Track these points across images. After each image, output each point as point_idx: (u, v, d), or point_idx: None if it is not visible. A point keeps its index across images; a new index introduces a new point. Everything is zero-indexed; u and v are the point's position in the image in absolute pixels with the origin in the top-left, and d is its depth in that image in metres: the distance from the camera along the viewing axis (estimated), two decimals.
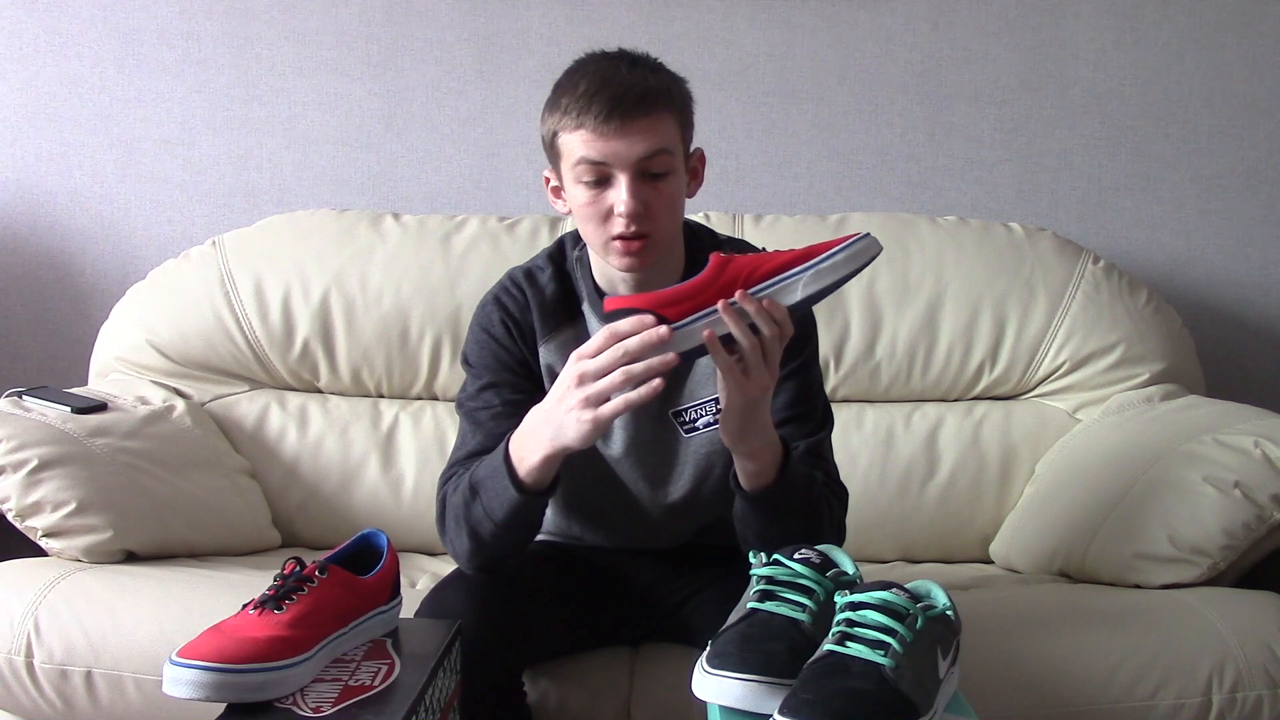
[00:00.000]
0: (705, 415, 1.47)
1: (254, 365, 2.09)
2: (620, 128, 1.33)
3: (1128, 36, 2.32)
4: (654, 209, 1.37)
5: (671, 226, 1.42)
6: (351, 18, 2.33)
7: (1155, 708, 1.48)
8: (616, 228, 1.37)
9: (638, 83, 1.36)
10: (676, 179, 1.40)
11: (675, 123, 1.39)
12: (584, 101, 1.34)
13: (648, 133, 1.35)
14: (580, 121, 1.34)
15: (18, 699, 1.55)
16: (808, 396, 1.48)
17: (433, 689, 1.21)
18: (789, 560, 1.21)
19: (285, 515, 2.02)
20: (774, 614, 1.16)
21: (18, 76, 2.34)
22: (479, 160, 2.35)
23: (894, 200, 2.34)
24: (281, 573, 1.22)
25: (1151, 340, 2.06)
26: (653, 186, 1.37)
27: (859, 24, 2.32)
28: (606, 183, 1.36)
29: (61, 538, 1.67)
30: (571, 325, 1.49)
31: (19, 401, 1.87)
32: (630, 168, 1.35)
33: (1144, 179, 2.35)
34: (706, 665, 1.11)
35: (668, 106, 1.38)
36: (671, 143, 1.38)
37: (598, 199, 1.37)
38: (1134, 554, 1.69)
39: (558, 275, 1.51)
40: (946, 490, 2.03)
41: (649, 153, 1.35)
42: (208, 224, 2.34)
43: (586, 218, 1.39)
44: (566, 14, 2.31)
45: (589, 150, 1.35)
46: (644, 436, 1.49)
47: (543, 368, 1.49)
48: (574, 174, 1.38)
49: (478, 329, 1.52)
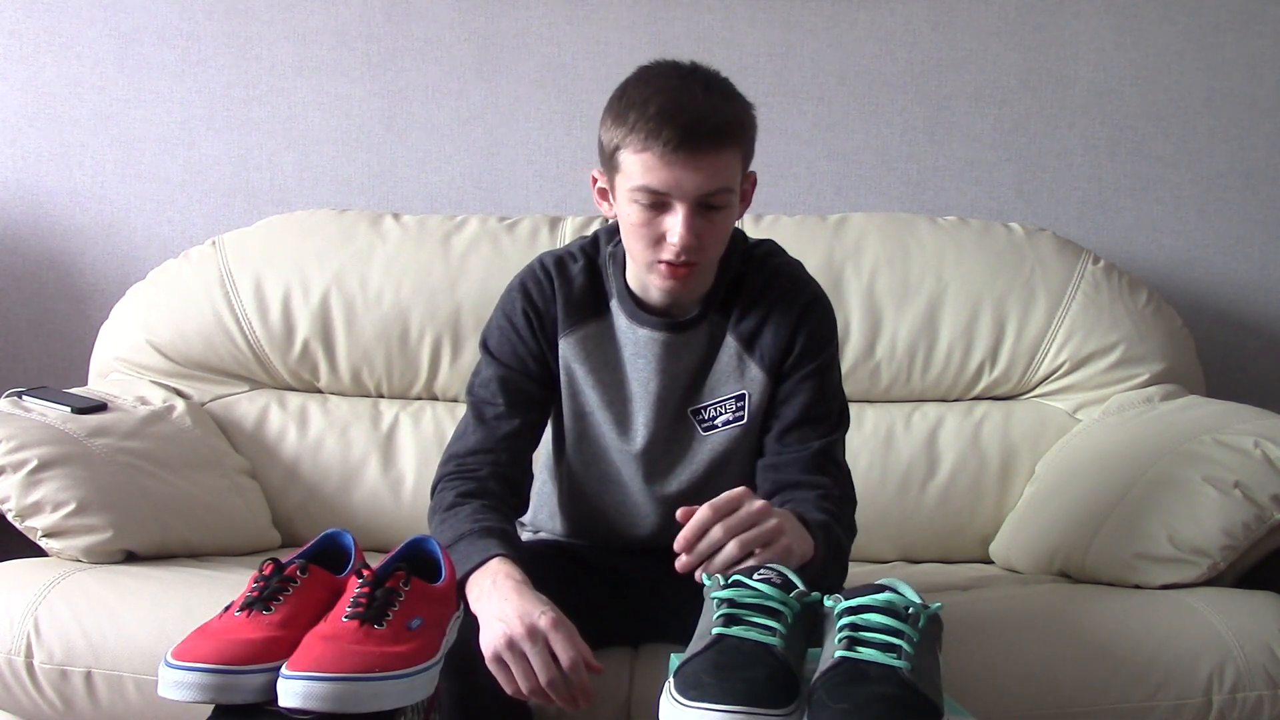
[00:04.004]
0: (725, 413, 1.48)
1: (254, 365, 2.09)
2: (688, 159, 1.30)
3: (1128, 36, 2.32)
4: (705, 240, 1.36)
5: (718, 254, 1.42)
6: (351, 18, 2.32)
7: (1155, 708, 1.48)
8: (666, 254, 1.35)
9: (712, 114, 1.32)
10: (731, 213, 1.38)
11: (740, 156, 1.37)
12: (654, 125, 1.30)
13: (714, 168, 1.32)
14: (647, 145, 1.31)
15: (17, 699, 1.55)
16: (824, 399, 1.48)
17: None
18: (751, 581, 1.16)
19: (285, 515, 2.02)
20: (744, 639, 1.09)
21: (18, 76, 2.34)
22: (479, 160, 2.35)
23: (894, 200, 2.34)
24: (262, 574, 1.21)
25: (1151, 340, 2.06)
26: (708, 218, 1.35)
27: (859, 24, 2.31)
28: (663, 209, 1.34)
29: (61, 538, 1.67)
30: (597, 320, 1.49)
31: (19, 401, 1.86)
32: (690, 200, 1.33)
33: (1144, 179, 2.35)
34: (680, 696, 1.04)
35: (737, 141, 1.35)
36: (734, 179, 1.36)
37: (652, 222, 1.35)
38: (1134, 554, 1.68)
39: (589, 268, 1.50)
40: (946, 490, 2.03)
41: (713, 188, 1.33)
42: (208, 224, 2.34)
43: (637, 237, 1.37)
44: (566, 14, 2.30)
45: (650, 178, 1.32)
46: (663, 434, 1.50)
47: (560, 360, 1.49)
48: (630, 195, 1.35)
49: (500, 314, 1.52)
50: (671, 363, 1.47)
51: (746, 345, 1.47)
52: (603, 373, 1.49)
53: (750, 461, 1.51)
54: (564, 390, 1.51)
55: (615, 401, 1.49)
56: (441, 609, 1.24)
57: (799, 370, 1.46)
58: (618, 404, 1.50)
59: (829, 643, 1.11)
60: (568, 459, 1.55)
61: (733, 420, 1.47)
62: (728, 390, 1.47)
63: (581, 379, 1.49)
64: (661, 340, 1.47)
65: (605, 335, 1.49)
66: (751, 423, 1.48)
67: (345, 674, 1.08)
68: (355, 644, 1.11)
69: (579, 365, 1.49)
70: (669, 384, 1.48)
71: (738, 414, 1.47)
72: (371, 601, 1.16)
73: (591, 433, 1.51)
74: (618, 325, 1.49)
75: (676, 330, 1.47)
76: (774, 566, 1.20)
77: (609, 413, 1.50)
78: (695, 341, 1.48)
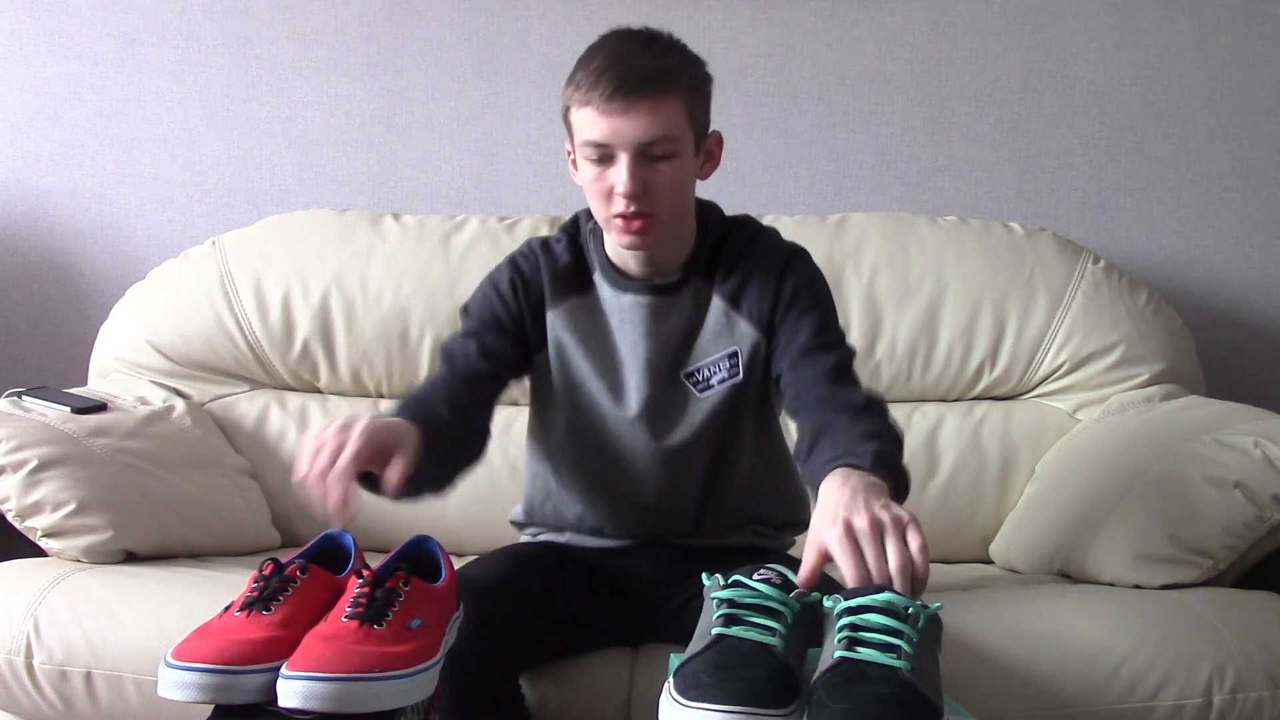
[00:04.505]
0: (719, 372, 1.50)
1: (254, 365, 2.09)
2: (624, 108, 1.35)
3: (1128, 36, 2.32)
4: (654, 190, 1.39)
5: (676, 207, 1.44)
6: (351, 18, 2.32)
7: (1155, 708, 1.48)
8: (617, 206, 1.39)
9: (646, 64, 1.37)
10: (681, 162, 1.40)
11: (683, 106, 1.39)
12: (593, 78, 1.36)
13: (651, 116, 1.36)
14: (588, 99, 1.37)
15: (17, 699, 1.55)
16: (827, 328, 1.48)
17: None
18: (751, 581, 1.15)
19: (285, 515, 2.02)
20: (743, 639, 1.08)
21: (18, 76, 2.34)
22: (479, 160, 2.35)
23: (894, 200, 2.34)
24: (262, 574, 1.21)
25: (1151, 340, 2.06)
26: (653, 168, 1.38)
27: (859, 24, 2.32)
28: (610, 161, 1.38)
29: (61, 538, 1.67)
30: (582, 294, 1.53)
31: (19, 401, 1.86)
32: (631, 149, 1.36)
33: (1144, 179, 2.35)
34: (679, 696, 1.03)
35: (674, 90, 1.38)
36: (675, 128, 1.38)
37: (601, 176, 1.39)
38: (1134, 554, 1.68)
39: (572, 246, 1.55)
40: (946, 490, 2.03)
41: (650, 137, 1.36)
42: (208, 224, 2.34)
43: (592, 194, 1.43)
44: (566, 14, 2.31)
45: (591, 130, 1.37)
46: (658, 398, 1.51)
47: (549, 333, 1.52)
48: (581, 151, 1.41)
49: (487, 283, 1.56)
50: (658, 325, 1.50)
51: (733, 303, 1.49)
52: (592, 342, 1.51)
53: (752, 420, 1.52)
54: (554, 362, 1.53)
55: (607, 370, 1.51)
56: (442, 609, 1.24)
57: (793, 310, 1.47)
58: (609, 372, 1.51)
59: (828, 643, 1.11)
60: (562, 437, 1.55)
61: (728, 378, 1.49)
62: (719, 349, 1.49)
63: (571, 350, 1.52)
64: (646, 304, 1.49)
65: (592, 307, 1.52)
66: (748, 379, 1.49)
67: (345, 674, 1.08)
68: (355, 644, 1.11)
69: (568, 336, 1.51)
70: (658, 347, 1.50)
71: (732, 371, 1.49)
72: (371, 602, 1.16)
73: (585, 403, 1.53)
74: (602, 296, 1.52)
75: (660, 294, 1.50)
76: (773, 567, 1.20)
77: (602, 381, 1.51)
78: (680, 305, 1.50)
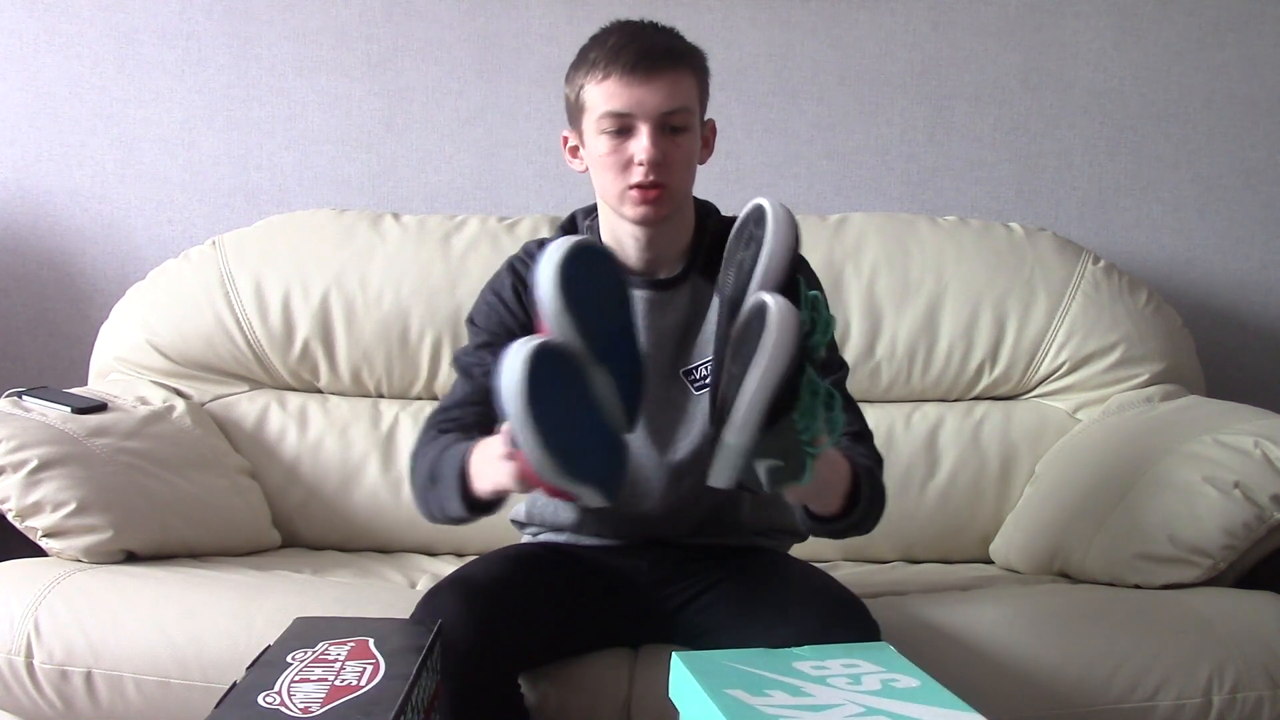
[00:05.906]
0: None
1: (254, 365, 2.09)
2: (646, 78, 1.40)
3: (1128, 36, 2.32)
4: (671, 161, 1.43)
5: (686, 183, 1.48)
6: (351, 18, 2.32)
7: (1155, 708, 1.48)
8: (635, 176, 1.42)
9: (664, 41, 1.44)
10: (694, 138, 1.46)
11: (695, 82, 1.46)
12: (612, 53, 1.41)
13: (672, 86, 1.41)
14: (608, 72, 1.41)
15: (18, 699, 1.55)
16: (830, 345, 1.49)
17: (417, 689, 1.21)
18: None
19: (285, 515, 2.02)
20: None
21: (18, 76, 2.34)
22: (479, 160, 2.35)
23: (894, 200, 2.34)
24: None
25: (1151, 340, 2.06)
26: (672, 140, 1.43)
27: (859, 24, 2.32)
28: (628, 133, 1.42)
29: (61, 538, 1.67)
30: None
31: (19, 401, 1.87)
32: (653, 119, 1.41)
33: (1144, 179, 2.35)
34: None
35: (690, 65, 1.45)
36: (692, 102, 1.45)
37: (619, 148, 1.42)
38: (1134, 554, 1.69)
39: None
40: (946, 490, 2.03)
41: (672, 107, 1.41)
42: (208, 224, 2.34)
43: (606, 167, 1.44)
44: (566, 14, 2.31)
45: (614, 102, 1.41)
46: (657, 397, 1.51)
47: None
48: (597, 125, 1.43)
49: (489, 292, 1.57)
50: (657, 319, 1.50)
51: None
52: None
53: None
54: None
55: None
56: None
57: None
58: None
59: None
60: None
61: None
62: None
63: None
64: (645, 298, 1.50)
65: None
66: None
67: None
68: None
69: None
70: (657, 341, 1.50)
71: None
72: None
73: None
74: None
75: (659, 288, 1.51)
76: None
77: None
78: (680, 300, 1.51)
